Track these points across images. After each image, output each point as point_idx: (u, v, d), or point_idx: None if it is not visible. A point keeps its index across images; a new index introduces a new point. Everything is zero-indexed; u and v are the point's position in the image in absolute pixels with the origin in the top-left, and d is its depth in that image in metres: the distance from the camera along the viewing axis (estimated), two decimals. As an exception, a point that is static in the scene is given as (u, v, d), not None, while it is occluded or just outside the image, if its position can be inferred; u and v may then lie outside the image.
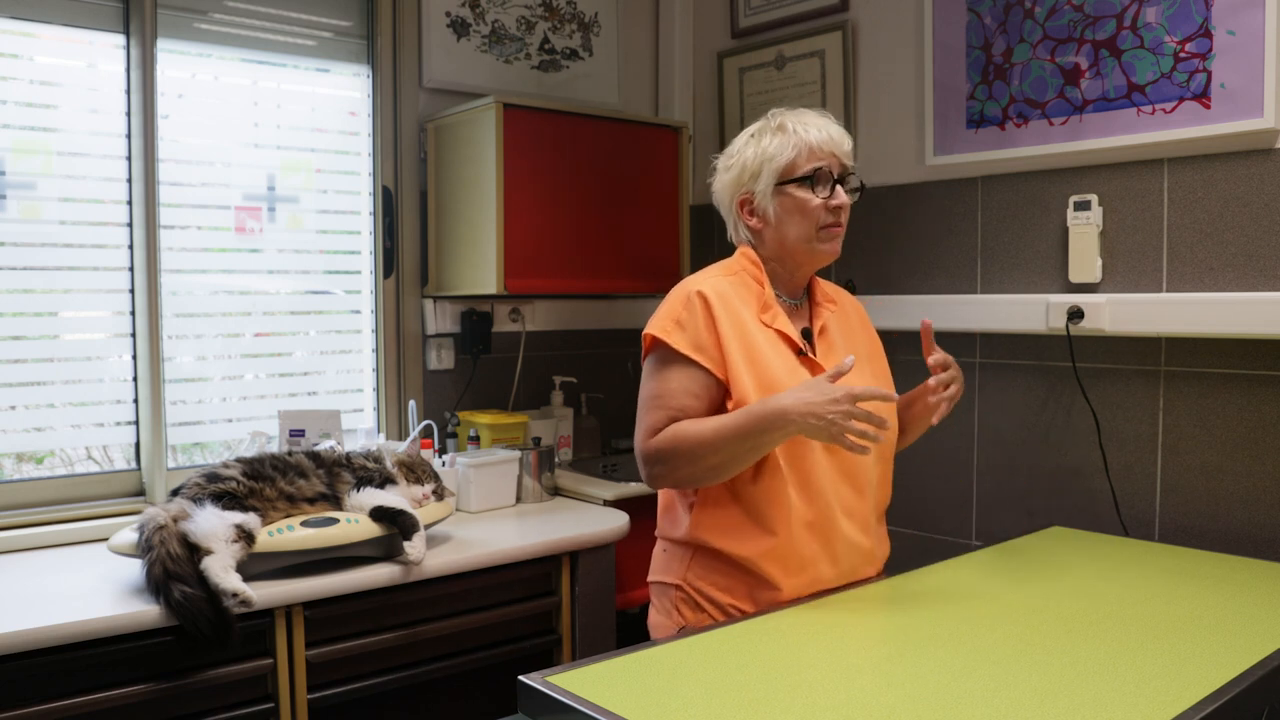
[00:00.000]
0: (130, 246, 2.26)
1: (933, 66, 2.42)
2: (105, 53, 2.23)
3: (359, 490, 1.93)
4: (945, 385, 1.58)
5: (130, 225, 2.25)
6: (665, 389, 1.53)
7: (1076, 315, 2.13)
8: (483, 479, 2.38)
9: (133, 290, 2.26)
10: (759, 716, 1.10)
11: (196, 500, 1.75)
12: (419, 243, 2.70)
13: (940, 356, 1.60)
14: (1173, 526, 2.09)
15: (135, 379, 2.27)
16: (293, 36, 2.50)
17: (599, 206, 2.65)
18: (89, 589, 1.75)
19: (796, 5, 2.78)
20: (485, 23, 2.79)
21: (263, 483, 1.84)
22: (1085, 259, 2.16)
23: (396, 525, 1.88)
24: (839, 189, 1.59)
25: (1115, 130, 2.11)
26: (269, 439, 2.36)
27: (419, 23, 2.68)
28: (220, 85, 2.40)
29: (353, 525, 1.85)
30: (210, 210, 2.39)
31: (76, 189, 2.20)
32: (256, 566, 1.76)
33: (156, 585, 1.63)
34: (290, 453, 1.98)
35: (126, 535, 1.78)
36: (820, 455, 1.54)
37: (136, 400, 2.27)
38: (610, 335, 3.09)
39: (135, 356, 2.27)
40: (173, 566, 1.63)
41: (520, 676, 1.23)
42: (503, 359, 2.83)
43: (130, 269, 2.26)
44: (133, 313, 2.26)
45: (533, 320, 2.88)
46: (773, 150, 1.58)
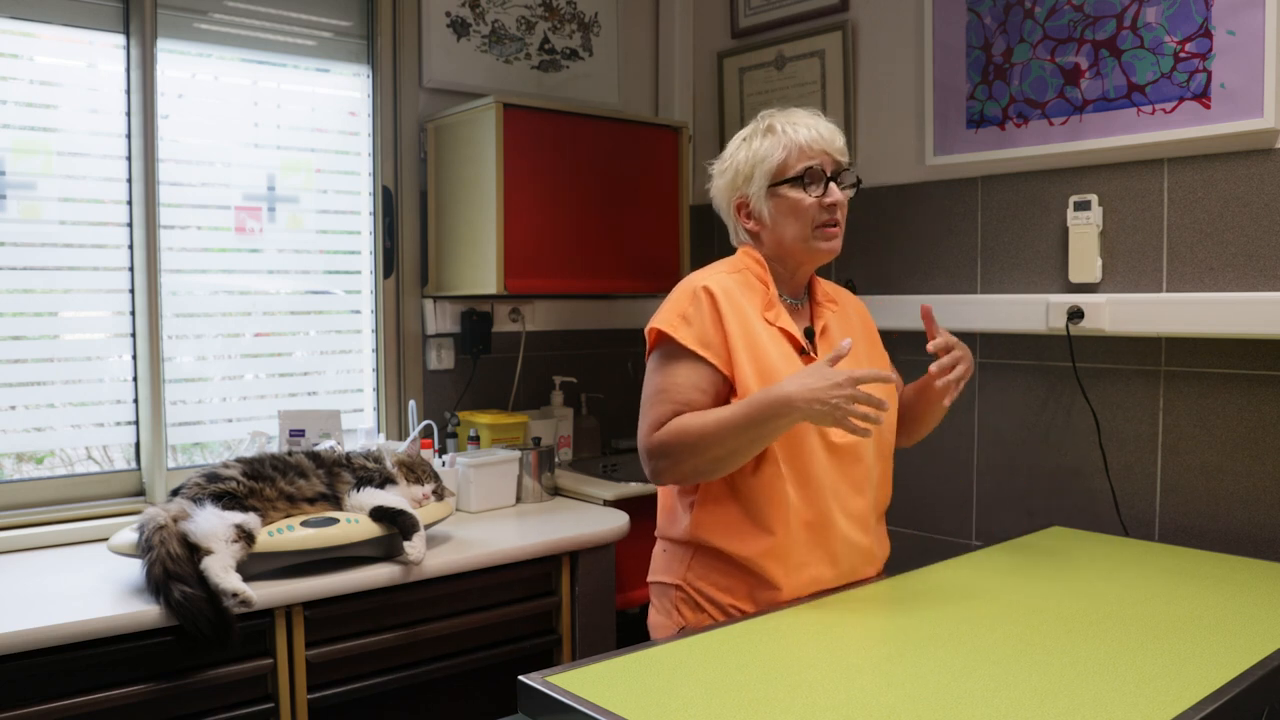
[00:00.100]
0: (130, 246, 2.26)
1: (933, 66, 2.42)
2: (105, 53, 2.23)
3: (359, 490, 1.93)
4: (950, 368, 1.54)
5: (130, 225, 2.25)
6: (671, 383, 1.53)
7: (1076, 315, 2.13)
8: (483, 479, 2.38)
9: (133, 290, 2.26)
10: (759, 716, 1.10)
11: (196, 500, 1.75)
12: (419, 243, 2.70)
13: (942, 340, 1.56)
14: (1173, 526, 2.09)
15: (135, 379, 2.27)
16: (293, 36, 2.50)
17: (599, 206, 2.65)
18: (89, 589, 1.75)
19: (796, 5, 2.78)
20: (485, 23, 2.79)
21: (263, 483, 1.84)
22: (1085, 259, 2.16)
23: (396, 525, 1.88)
24: (833, 186, 1.58)
25: (1115, 130, 2.11)
26: (269, 439, 2.36)
27: (419, 23, 2.68)
28: (220, 85, 2.40)
29: (353, 525, 1.85)
30: (210, 210, 2.39)
31: (76, 189, 2.20)
32: (256, 566, 1.76)
33: (156, 585, 1.63)
34: (290, 453, 1.98)
35: (126, 535, 1.78)
36: (820, 454, 1.54)
37: (136, 400, 2.27)
38: (610, 335, 3.09)
39: (135, 356, 2.27)
40: (173, 566, 1.63)
41: (520, 676, 1.23)
42: (503, 359, 2.83)
43: (130, 269, 2.26)
44: (133, 313, 2.27)
45: (533, 320, 2.88)
46: (763, 152, 1.58)
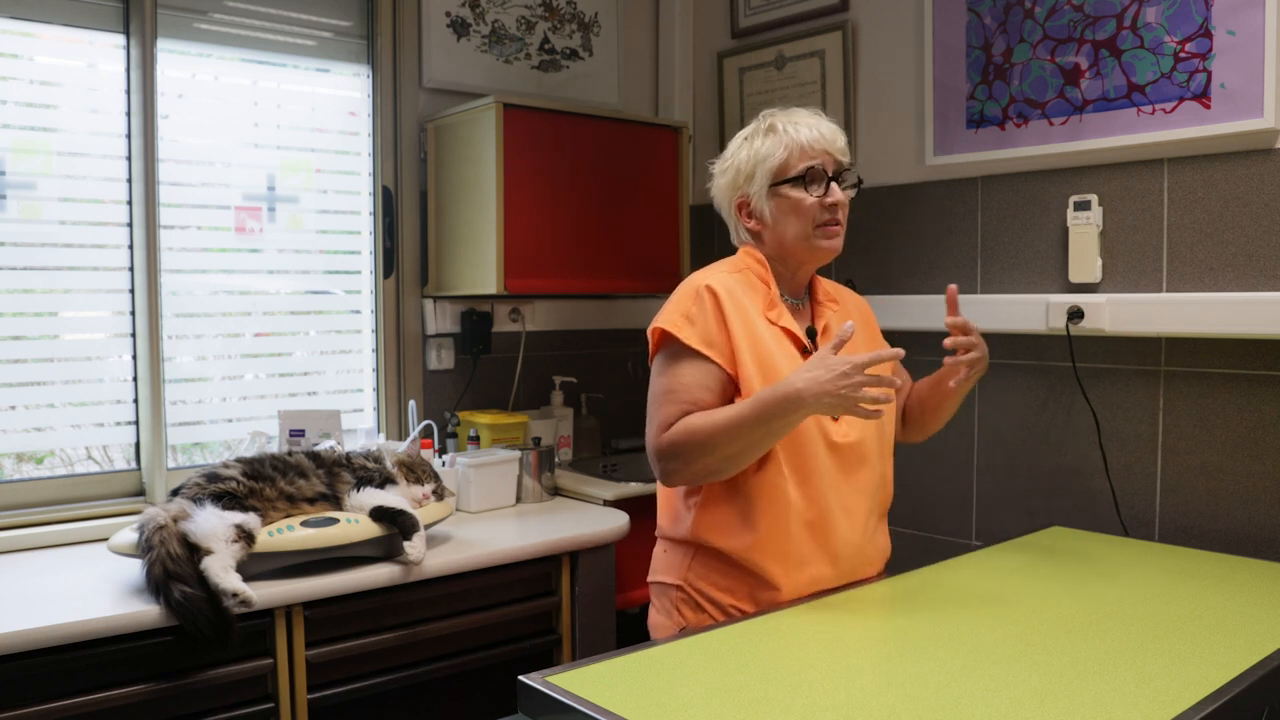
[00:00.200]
0: (130, 246, 2.26)
1: (933, 66, 2.42)
2: (105, 53, 2.23)
3: (359, 490, 1.93)
4: (965, 350, 1.56)
5: (130, 225, 2.25)
6: (678, 383, 1.52)
7: (1076, 315, 2.13)
8: (483, 479, 2.38)
9: (133, 290, 2.26)
10: (759, 716, 1.10)
11: (196, 500, 1.75)
12: (419, 243, 2.70)
13: (961, 320, 1.57)
14: (1173, 526, 2.09)
15: (135, 379, 2.27)
16: (293, 36, 2.50)
17: (599, 206, 2.65)
18: (89, 589, 1.75)
19: (796, 5, 2.78)
20: (485, 23, 2.79)
21: (263, 483, 1.84)
22: (1085, 259, 2.16)
23: (396, 525, 1.88)
24: (834, 186, 1.58)
25: (1115, 130, 2.11)
26: (269, 439, 2.36)
27: (419, 23, 2.68)
28: (220, 85, 2.40)
29: (353, 525, 1.85)
30: (210, 210, 2.39)
31: (76, 189, 2.20)
32: (256, 566, 1.76)
33: (156, 585, 1.63)
34: (290, 453, 1.98)
35: (126, 535, 1.78)
36: (822, 454, 1.54)
37: (136, 400, 2.27)
38: (610, 335, 3.09)
39: (135, 356, 2.27)
40: (173, 566, 1.63)
41: (520, 676, 1.23)
42: (503, 359, 2.83)
43: (130, 269, 2.26)
44: (133, 313, 2.26)
45: (533, 320, 2.88)
46: (764, 152, 1.58)
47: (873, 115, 2.62)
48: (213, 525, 1.69)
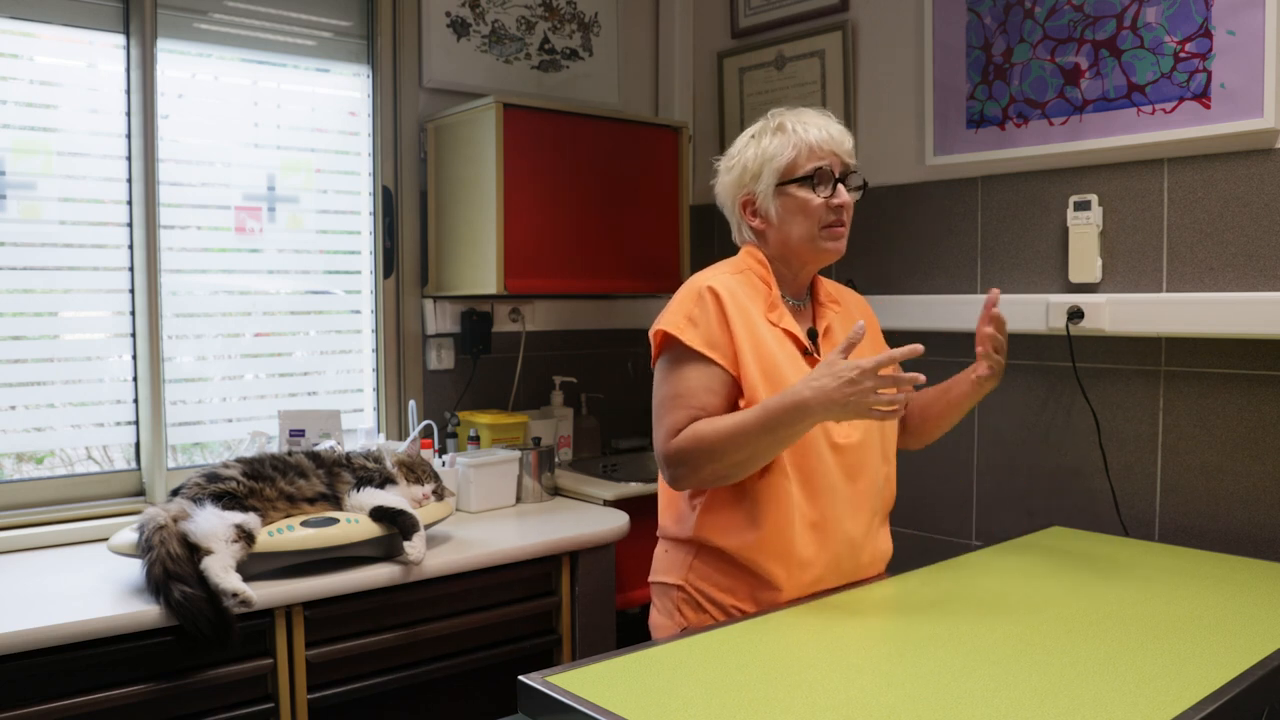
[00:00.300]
0: (130, 246, 2.26)
1: (933, 66, 2.42)
2: (105, 53, 2.23)
3: (359, 490, 1.93)
4: (997, 348, 1.61)
5: (130, 225, 2.25)
6: (684, 387, 1.52)
7: (1076, 315, 2.13)
8: (483, 479, 2.38)
9: (133, 290, 2.26)
10: (759, 716, 1.10)
11: (196, 500, 1.75)
12: (419, 243, 2.70)
13: (999, 314, 1.63)
14: (1173, 526, 2.09)
15: (135, 379, 2.27)
16: (293, 36, 2.50)
17: (599, 206, 2.65)
18: (89, 589, 1.75)
19: (796, 5, 2.78)
20: (485, 23, 2.79)
21: (263, 483, 1.84)
22: (1085, 259, 2.16)
23: (396, 525, 1.88)
24: (840, 188, 1.58)
25: (1115, 130, 2.11)
26: (269, 439, 2.36)
27: (419, 23, 2.68)
28: (220, 85, 2.40)
29: (353, 525, 1.85)
30: (210, 210, 2.39)
31: (76, 189, 2.20)
32: (256, 566, 1.76)
33: (156, 585, 1.63)
34: (290, 453, 1.98)
35: (126, 535, 1.78)
36: (826, 456, 1.54)
37: (136, 400, 2.27)
38: (610, 335, 3.09)
39: (135, 356, 2.27)
40: (173, 566, 1.63)
41: (520, 676, 1.23)
42: (503, 359, 2.83)
43: (130, 269, 2.26)
44: (133, 313, 2.26)
45: (533, 320, 2.88)
46: (773, 150, 1.58)
47: (873, 115, 2.62)
48: (213, 525, 1.69)
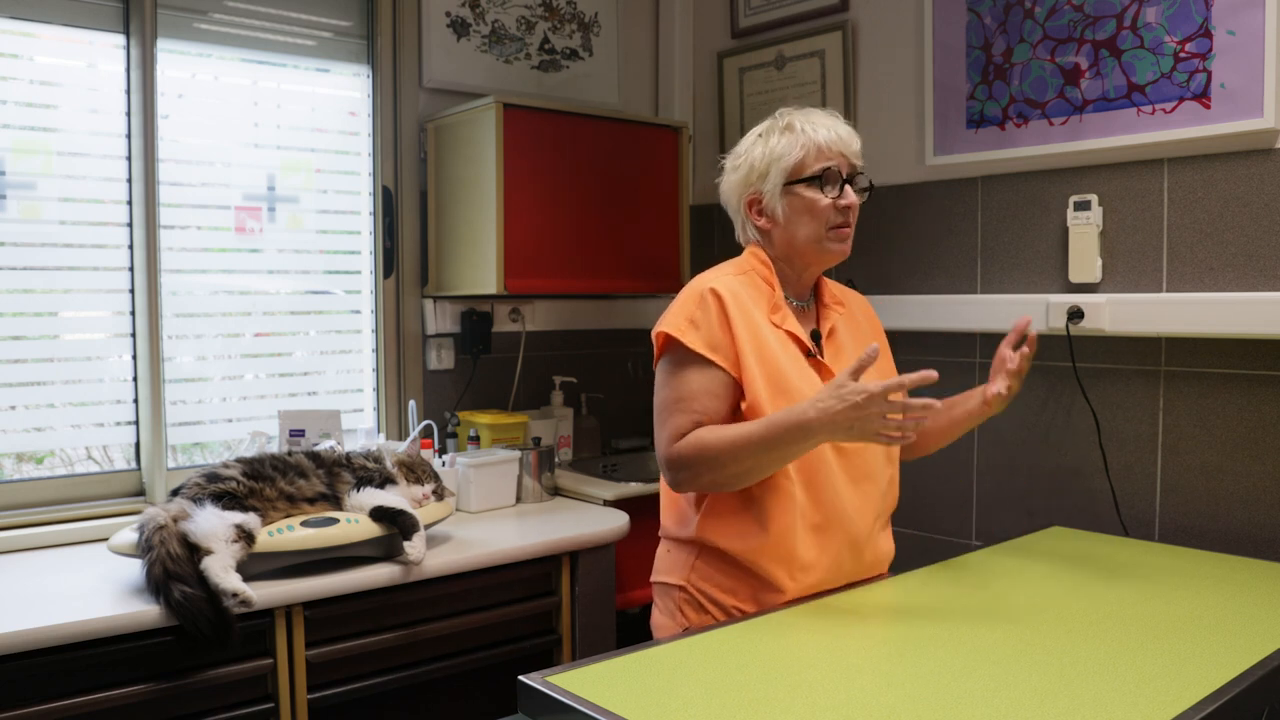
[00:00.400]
0: (130, 246, 2.26)
1: (933, 66, 2.42)
2: (105, 53, 2.23)
3: (359, 490, 1.93)
4: (1019, 372, 1.60)
5: (130, 225, 2.25)
6: (687, 391, 1.51)
7: (1076, 315, 2.13)
8: (483, 479, 2.38)
9: (133, 290, 2.26)
10: (759, 716, 1.10)
11: (196, 500, 1.75)
12: (419, 243, 2.70)
13: (1035, 337, 1.61)
14: (1173, 526, 2.09)
15: (135, 379, 2.27)
16: (293, 36, 2.50)
17: (599, 206, 2.65)
18: (89, 589, 1.75)
19: (796, 5, 2.78)
20: (485, 23, 2.79)
21: (263, 483, 1.84)
22: (1085, 259, 2.16)
23: (396, 525, 1.88)
24: (848, 189, 1.58)
25: (1115, 130, 2.11)
26: (269, 439, 2.36)
27: (419, 23, 2.68)
28: (220, 85, 2.40)
29: (353, 525, 1.85)
30: (210, 210, 2.39)
31: (76, 189, 2.20)
32: (256, 566, 1.76)
33: (156, 585, 1.63)
34: (290, 453, 1.98)
35: (126, 535, 1.78)
36: (830, 458, 1.53)
37: (136, 400, 2.27)
38: (610, 335, 3.09)
39: (135, 356, 2.27)
40: (173, 566, 1.63)
41: (520, 676, 1.23)
42: (503, 359, 2.83)
43: (130, 269, 2.26)
44: (133, 313, 2.26)
45: (533, 320, 2.88)
46: (781, 150, 1.57)
47: (873, 115, 2.62)
48: (213, 525, 1.69)
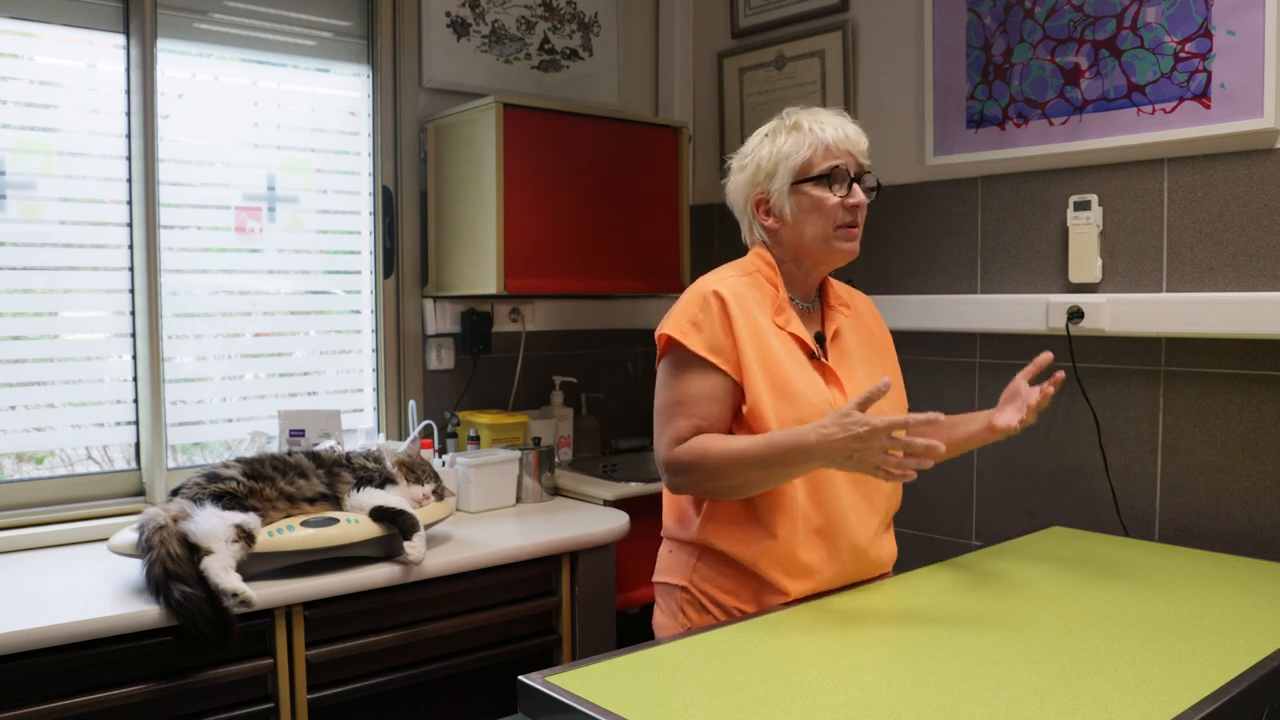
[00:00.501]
0: (130, 246, 2.26)
1: (933, 66, 2.42)
2: (105, 53, 2.23)
3: (359, 490, 1.93)
4: (1040, 405, 1.60)
5: (130, 225, 2.25)
6: (688, 395, 1.51)
7: (1076, 315, 2.13)
8: (483, 479, 2.38)
9: (133, 290, 2.26)
10: (759, 716, 1.10)
11: (196, 500, 1.75)
12: (419, 243, 2.70)
13: (1062, 375, 1.63)
14: (1173, 526, 2.09)
15: (135, 379, 2.27)
16: (293, 36, 2.50)
17: (599, 206, 2.65)
18: (89, 589, 1.75)
19: (796, 5, 2.78)
20: (485, 23, 2.79)
21: (263, 483, 1.84)
22: (1085, 259, 2.16)
23: (396, 525, 1.88)
24: (856, 187, 1.57)
25: (1115, 130, 2.11)
26: (269, 439, 2.36)
27: (419, 23, 2.68)
28: (220, 85, 2.40)
29: (353, 525, 1.85)
30: (210, 210, 2.39)
31: (76, 189, 2.20)
32: (256, 566, 1.76)
33: (156, 585, 1.63)
34: (290, 453, 1.98)
35: (126, 535, 1.78)
36: None
37: (136, 400, 2.27)
38: (610, 335, 3.09)
39: (135, 356, 2.27)
40: (173, 566, 1.63)
41: (520, 676, 1.23)
42: (503, 359, 2.83)
43: (130, 269, 2.26)
44: (133, 313, 2.26)
45: (533, 320, 2.88)
46: (788, 149, 1.57)
47: (873, 115, 2.61)
48: (213, 525, 1.69)
